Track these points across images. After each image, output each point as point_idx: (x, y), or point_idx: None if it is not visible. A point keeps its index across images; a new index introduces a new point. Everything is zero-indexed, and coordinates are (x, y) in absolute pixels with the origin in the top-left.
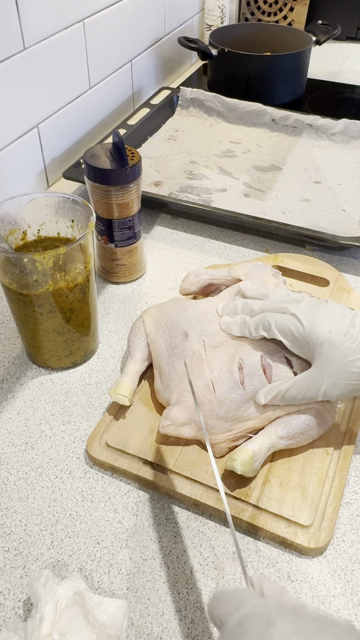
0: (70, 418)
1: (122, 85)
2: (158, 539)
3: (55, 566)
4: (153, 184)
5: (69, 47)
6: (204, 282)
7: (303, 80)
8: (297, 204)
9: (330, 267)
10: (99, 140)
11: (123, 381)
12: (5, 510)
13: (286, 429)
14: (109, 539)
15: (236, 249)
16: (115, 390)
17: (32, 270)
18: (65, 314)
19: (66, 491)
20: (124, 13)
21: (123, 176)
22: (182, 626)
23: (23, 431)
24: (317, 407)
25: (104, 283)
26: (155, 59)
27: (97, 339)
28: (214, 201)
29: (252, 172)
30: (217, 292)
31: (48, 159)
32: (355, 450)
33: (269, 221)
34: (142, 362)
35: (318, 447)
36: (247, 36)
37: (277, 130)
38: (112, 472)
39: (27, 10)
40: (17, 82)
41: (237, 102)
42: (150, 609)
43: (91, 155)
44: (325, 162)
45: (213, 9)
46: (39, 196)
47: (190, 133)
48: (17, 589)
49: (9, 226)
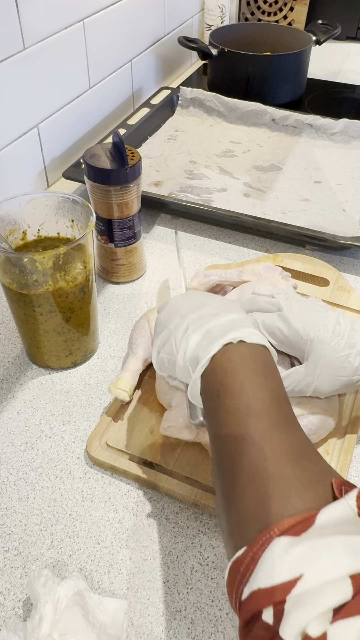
0: (70, 418)
1: (122, 85)
2: (158, 539)
3: (55, 566)
4: (153, 184)
5: (69, 47)
6: (212, 283)
7: (303, 80)
8: (297, 203)
9: (330, 267)
10: (99, 140)
11: (124, 376)
12: (5, 510)
13: None
14: (109, 539)
15: (236, 249)
16: (115, 385)
17: (32, 270)
18: (65, 314)
19: (66, 491)
20: (124, 13)
21: (123, 176)
22: (182, 626)
23: (23, 431)
24: (321, 411)
25: (104, 283)
26: (155, 58)
27: (97, 339)
28: (214, 201)
29: (252, 172)
30: (223, 293)
31: (48, 159)
32: (356, 450)
33: (269, 221)
34: (143, 360)
35: (318, 447)
36: (247, 36)
37: (277, 130)
38: (112, 472)
39: (27, 10)
40: (17, 82)
41: (237, 102)
42: (150, 609)
43: (91, 155)
44: (325, 162)
45: (213, 9)
46: (39, 196)
47: (190, 133)
48: (17, 589)
49: (9, 226)
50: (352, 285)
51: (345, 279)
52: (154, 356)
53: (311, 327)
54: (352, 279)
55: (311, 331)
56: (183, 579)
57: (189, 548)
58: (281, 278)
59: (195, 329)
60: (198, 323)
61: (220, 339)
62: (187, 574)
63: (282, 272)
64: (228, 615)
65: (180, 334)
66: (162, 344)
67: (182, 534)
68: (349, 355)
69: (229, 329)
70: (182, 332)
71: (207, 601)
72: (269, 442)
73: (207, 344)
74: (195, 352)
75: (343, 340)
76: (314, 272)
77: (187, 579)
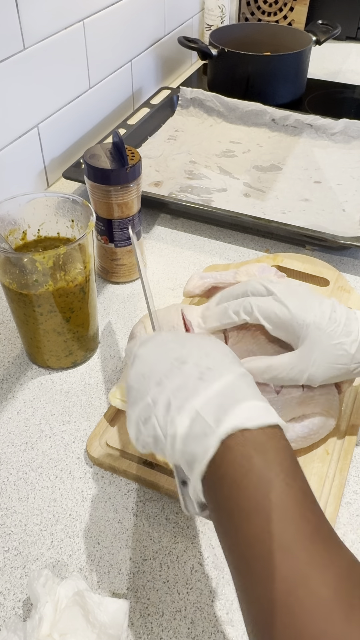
0: (70, 418)
1: (122, 85)
2: (158, 539)
3: (55, 566)
4: (153, 184)
5: (69, 47)
6: (208, 286)
7: (303, 80)
8: (297, 203)
9: (330, 267)
10: (99, 140)
11: (122, 385)
12: (5, 510)
13: (289, 432)
14: (109, 539)
15: (236, 249)
16: (114, 395)
17: (32, 270)
18: (65, 314)
19: (66, 491)
20: (124, 13)
21: (123, 176)
22: (182, 626)
23: (23, 431)
24: (322, 411)
25: (104, 283)
26: (155, 58)
27: (97, 339)
28: (214, 201)
29: (252, 172)
30: None
31: (48, 159)
32: (356, 450)
33: (269, 221)
34: None
35: (318, 447)
36: (247, 36)
37: (277, 130)
38: (112, 472)
39: (27, 10)
40: (17, 82)
41: (237, 102)
42: (150, 609)
43: (91, 155)
44: (325, 162)
45: (213, 9)
46: (39, 196)
47: (190, 133)
48: (17, 589)
49: (9, 226)
50: (352, 285)
51: (345, 279)
52: (132, 434)
53: (308, 312)
54: (352, 279)
55: (308, 316)
56: (183, 579)
57: (189, 548)
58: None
59: (180, 406)
60: (182, 397)
61: (216, 430)
62: (187, 574)
63: (277, 272)
64: (228, 615)
65: (162, 412)
66: (141, 420)
67: (182, 534)
68: (344, 343)
69: (224, 409)
70: (163, 410)
71: (207, 601)
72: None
73: (201, 437)
74: (188, 446)
75: (339, 328)
76: (314, 272)
77: (187, 579)
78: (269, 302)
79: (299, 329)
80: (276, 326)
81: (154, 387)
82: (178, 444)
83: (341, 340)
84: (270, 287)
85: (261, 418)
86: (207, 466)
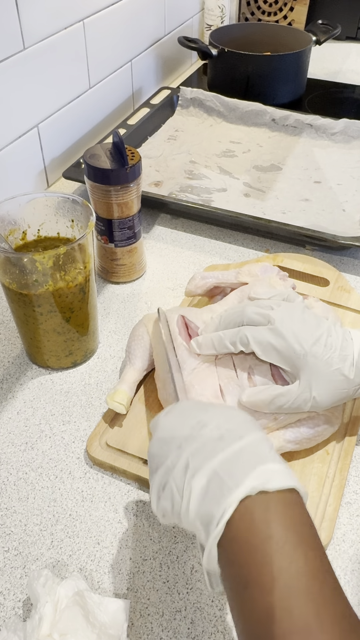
0: (70, 418)
1: (122, 85)
2: (158, 539)
3: (55, 566)
4: (153, 183)
5: (69, 47)
6: (209, 285)
7: (303, 80)
8: (297, 203)
9: (330, 267)
10: (99, 140)
11: (121, 389)
12: (5, 510)
13: (295, 433)
14: (109, 539)
15: (236, 248)
16: (112, 398)
17: (32, 270)
18: (65, 314)
19: (66, 491)
20: (124, 13)
21: (123, 176)
22: (182, 626)
23: (23, 431)
24: (327, 413)
25: (104, 283)
26: (155, 58)
27: (97, 339)
28: (214, 201)
29: (252, 172)
30: (223, 295)
31: (48, 158)
32: (356, 451)
33: (269, 221)
34: (141, 371)
35: (318, 447)
36: (247, 36)
37: (277, 130)
38: (112, 472)
39: (27, 10)
40: (17, 82)
41: (237, 102)
42: (150, 609)
43: (91, 155)
44: (325, 162)
45: (213, 9)
46: (39, 196)
47: (190, 133)
48: (17, 589)
49: (9, 226)
50: (352, 285)
51: (345, 279)
52: (154, 502)
53: (304, 341)
54: (352, 279)
55: (304, 345)
56: (183, 579)
57: (189, 548)
58: (279, 278)
59: (198, 467)
60: (200, 458)
61: (234, 491)
62: (187, 574)
63: (280, 272)
64: (228, 615)
65: (180, 474)
66: (161, 486)
67: (182, 534)
68: (342, 369)
69: (242, 469)
70: (181, 472)
71: (207, 601)
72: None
73: (218, 497)
74: (205, 507)
75: (336, 354)
76: (314, 272)
77: (187, 579)
78: (265, 334)
79: (297, 360)
80: (274, 358)
81: (174, 451)
82: (193, 504)
83: (339, 367)
84: (269, 314)
85: (282, 481)
86: (223, 530)
